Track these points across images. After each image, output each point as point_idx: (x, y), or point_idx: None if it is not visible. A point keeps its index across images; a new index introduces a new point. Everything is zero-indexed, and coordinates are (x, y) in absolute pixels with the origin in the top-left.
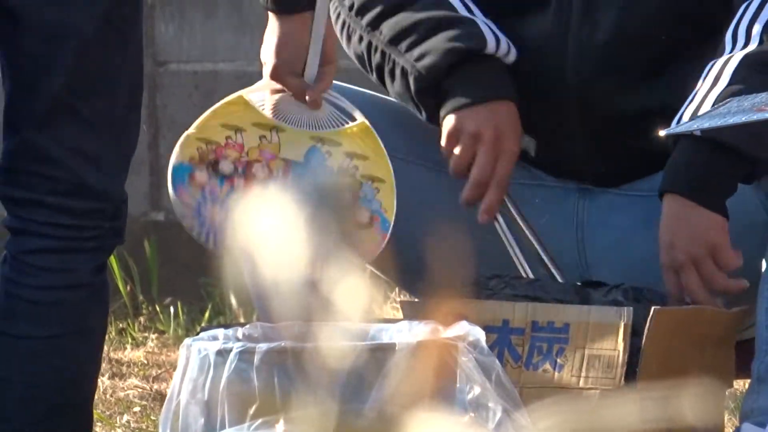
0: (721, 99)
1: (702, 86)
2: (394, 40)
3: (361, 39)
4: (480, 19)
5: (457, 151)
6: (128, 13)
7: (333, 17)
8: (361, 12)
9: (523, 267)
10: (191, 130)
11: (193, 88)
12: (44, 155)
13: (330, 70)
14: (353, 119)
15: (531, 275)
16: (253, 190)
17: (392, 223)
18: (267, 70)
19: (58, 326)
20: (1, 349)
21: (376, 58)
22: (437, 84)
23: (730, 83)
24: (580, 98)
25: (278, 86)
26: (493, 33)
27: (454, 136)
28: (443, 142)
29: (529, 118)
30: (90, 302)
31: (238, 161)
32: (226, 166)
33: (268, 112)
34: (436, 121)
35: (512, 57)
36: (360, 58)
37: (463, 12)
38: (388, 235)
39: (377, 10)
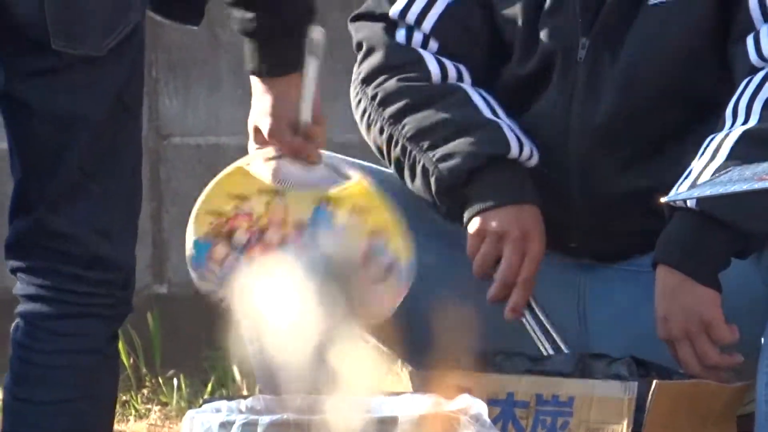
0: (718, 173)
1: (700, 160)
2: (417, 137)
3: (382, 131)
4: (504, 122)
5: (482, 250)
6: (135, 91)
7: (353, 103)
8: (385, 103)
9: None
10: (199, 204)
11: (197, 161)
12: (57, 233)
13: (321, 130)
14: (349, 178)
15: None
16: (262, 260)
17: (409, 269)
18: (263, 131)
19: (71, 390)
20: (13, 414)
21: (395, 152)
22: (458, 186)
23: (728, 158)
24: (581, 174)
25: (271, 153)
26: (517, 137)
27: (479, 237)
28: (469, 244)
29: None
30: (102, 369)
31: (250, 230)
32: (240, 237)
33: (268, 179)
34: (454, 218)
35: (534, 161)
36: (379, 149)
37: (487, 113)
38: (410, 283)
39: (401, 103)
